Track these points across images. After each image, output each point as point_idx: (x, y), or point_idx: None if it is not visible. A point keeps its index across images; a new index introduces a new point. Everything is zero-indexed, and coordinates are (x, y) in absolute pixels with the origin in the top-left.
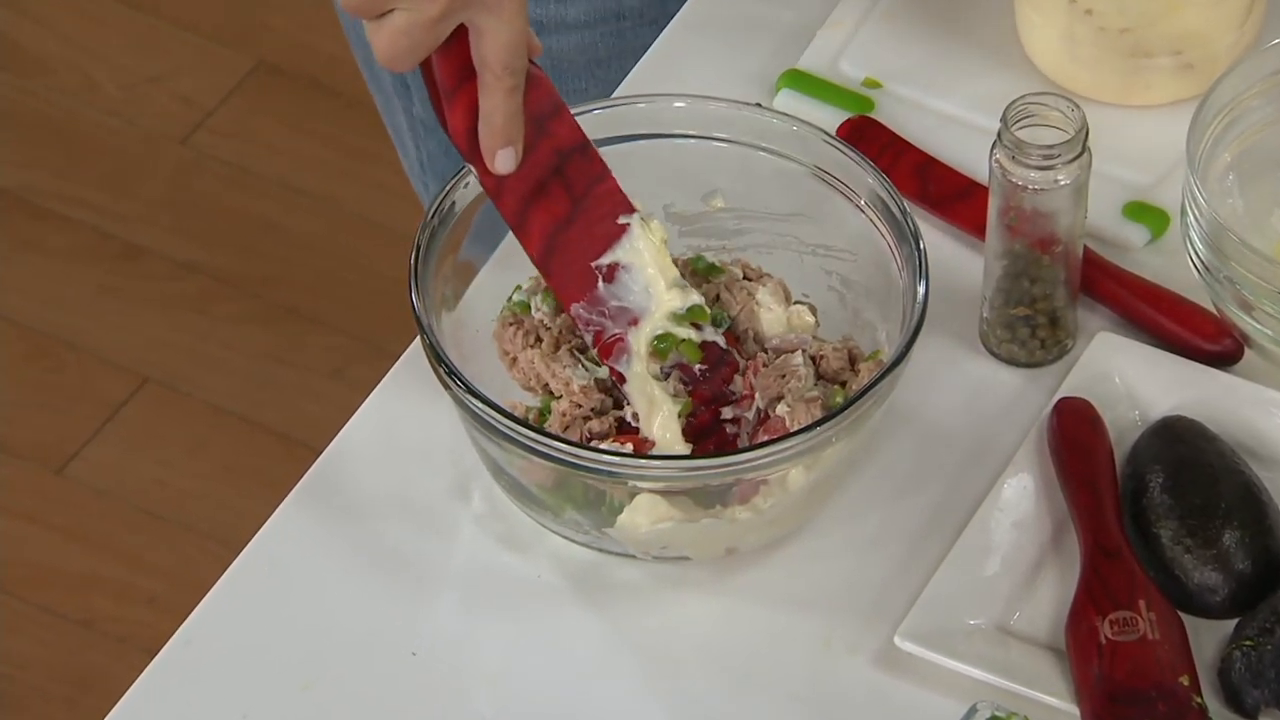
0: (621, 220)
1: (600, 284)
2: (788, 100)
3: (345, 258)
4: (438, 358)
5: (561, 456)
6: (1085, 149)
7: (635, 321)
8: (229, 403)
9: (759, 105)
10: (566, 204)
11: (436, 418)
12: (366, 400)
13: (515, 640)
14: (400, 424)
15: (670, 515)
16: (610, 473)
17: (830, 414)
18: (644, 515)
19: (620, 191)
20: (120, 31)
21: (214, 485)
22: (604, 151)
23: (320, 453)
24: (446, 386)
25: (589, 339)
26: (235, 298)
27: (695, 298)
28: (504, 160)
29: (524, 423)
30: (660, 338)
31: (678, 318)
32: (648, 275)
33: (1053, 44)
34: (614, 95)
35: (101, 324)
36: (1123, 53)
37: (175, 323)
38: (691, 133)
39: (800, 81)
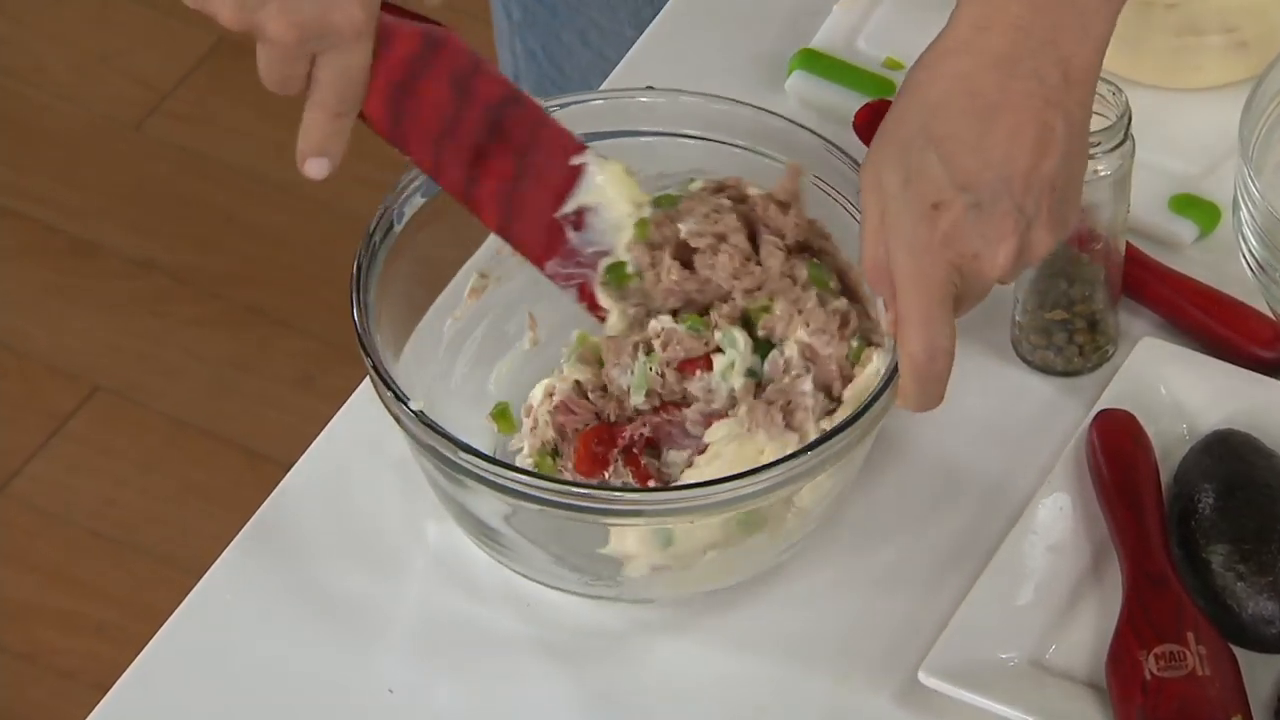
0: (574, 161)
1: (570, 233)
2: (801, 83)
3: (315, 254)
4: (389, 390)
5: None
6: (1128, 136)
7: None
8: (187, 414)
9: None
10: (511, 161)
11: None
12: (339, 411)
13: (507, 683)
14: (377, 437)
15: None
16: (633, 510)
17: (813, 442)
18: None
19: (566, 133)
20: (69, 6)
21: (171, 504)
22: (600, 147)
23: (288, 468)
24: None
25: (573, 295)
26: (194, 298)
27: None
28: (315, 168)
29: (527, 473)
30: (609, 269)
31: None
32: (618, 210)
33: None
34: (603, 87)
35: (47, 327)
36: (1169, 30)
37: (128, 326)
38: (691, 132)
39: (814, 62)
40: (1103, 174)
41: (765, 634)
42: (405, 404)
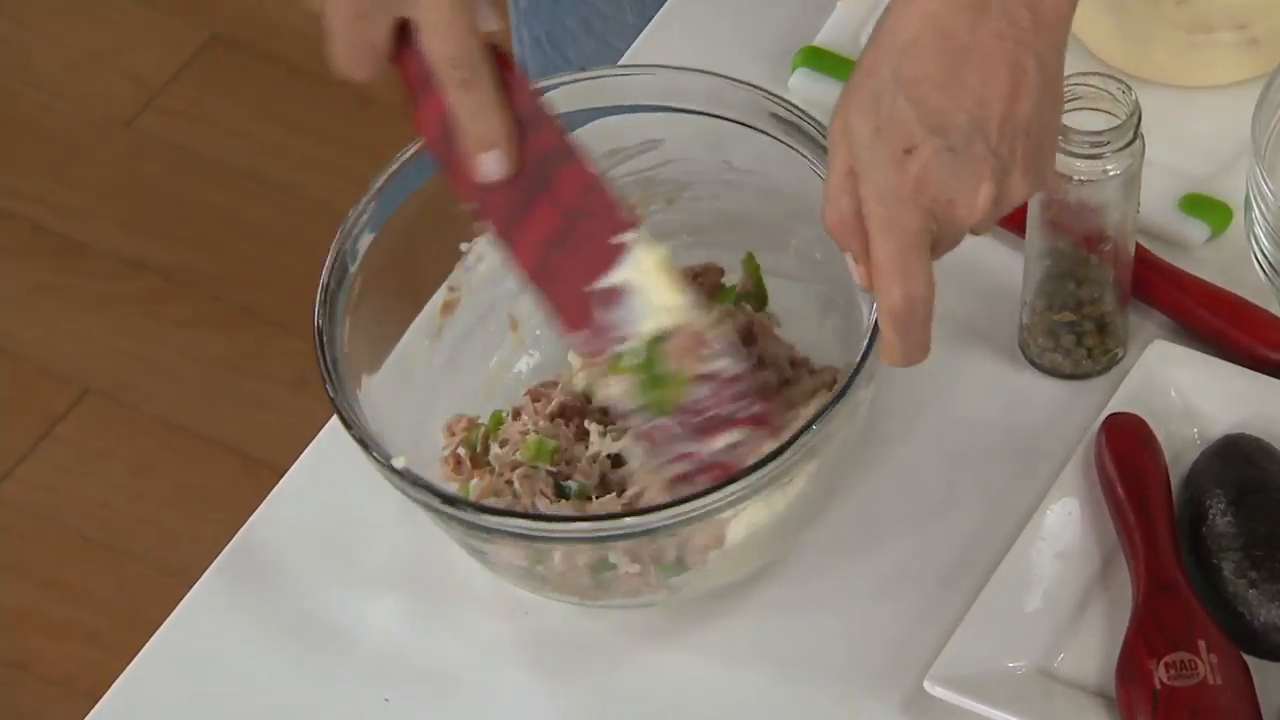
0: (616, 240)
1: (598, 310)
2: (804, 80)
3: (311, 254)
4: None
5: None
6: (1137, 135)
7: None
8: (181, 416)
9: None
10: (556, 219)
11: None
12: (335, 414)
13: (502, 692)
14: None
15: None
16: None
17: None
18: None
19: (616, 204)
20: (60, 2)
21: (164, 509)
22: (607, 121)
23: (283, 473)
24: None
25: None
26: (188, 299)
27: (701, 318)
28: (487, 166)
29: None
30: (616, 358)
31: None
32: (651, 298)
33: (1101, 18)
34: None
35: (38, 328)
36: (1180, 27)
37: (121, 327)
38: (692, 107)
39: (818, 59)
40: (1112, 174)
41: (769, 642)
42: (387, 463)
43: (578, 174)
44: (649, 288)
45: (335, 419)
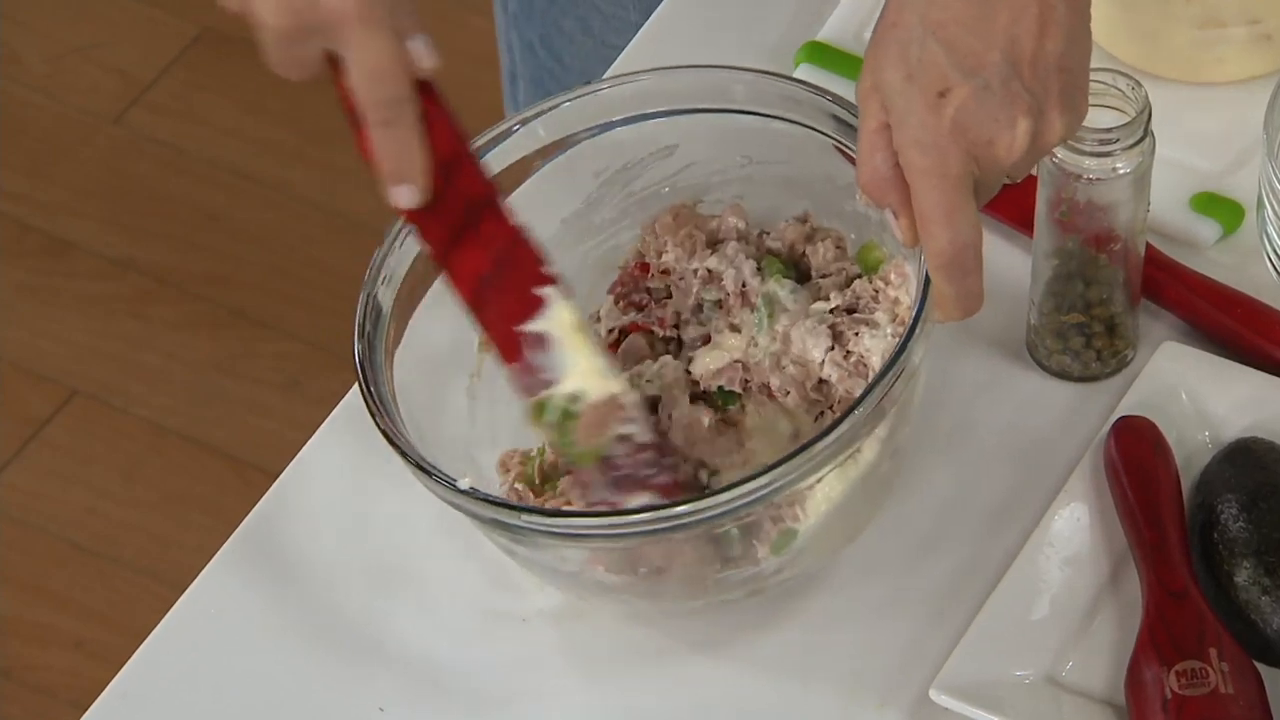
0: (536, 292)
1: (527, 351)
2: (807, 76)
3: (301, 254)
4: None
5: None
6: (1148, 133)
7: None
8: (169, 420)
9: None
10: (487, 260)
11: None
12: (327, 417)
13: (499, 702)
14: (367, 444)
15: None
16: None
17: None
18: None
19: (536, 258)
20: None
21: (153, 514)
22: (616, 134)
23: (275, 477)
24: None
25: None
26: (175, 299)
27: (612, 386)
28: (401, 196)
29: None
30: (537, 405)
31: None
32: (568, 355)
33: (1111, 13)
34: (606, 75)
35: (22, 329)
36: (1191, 23)
37: (107, 328)
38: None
39: (821, 55)
40: (1122, 172)
41: (775, 651)
42: (452, 485)
43: (502, 224)
44: (566, 344)
45: (328, 421)
